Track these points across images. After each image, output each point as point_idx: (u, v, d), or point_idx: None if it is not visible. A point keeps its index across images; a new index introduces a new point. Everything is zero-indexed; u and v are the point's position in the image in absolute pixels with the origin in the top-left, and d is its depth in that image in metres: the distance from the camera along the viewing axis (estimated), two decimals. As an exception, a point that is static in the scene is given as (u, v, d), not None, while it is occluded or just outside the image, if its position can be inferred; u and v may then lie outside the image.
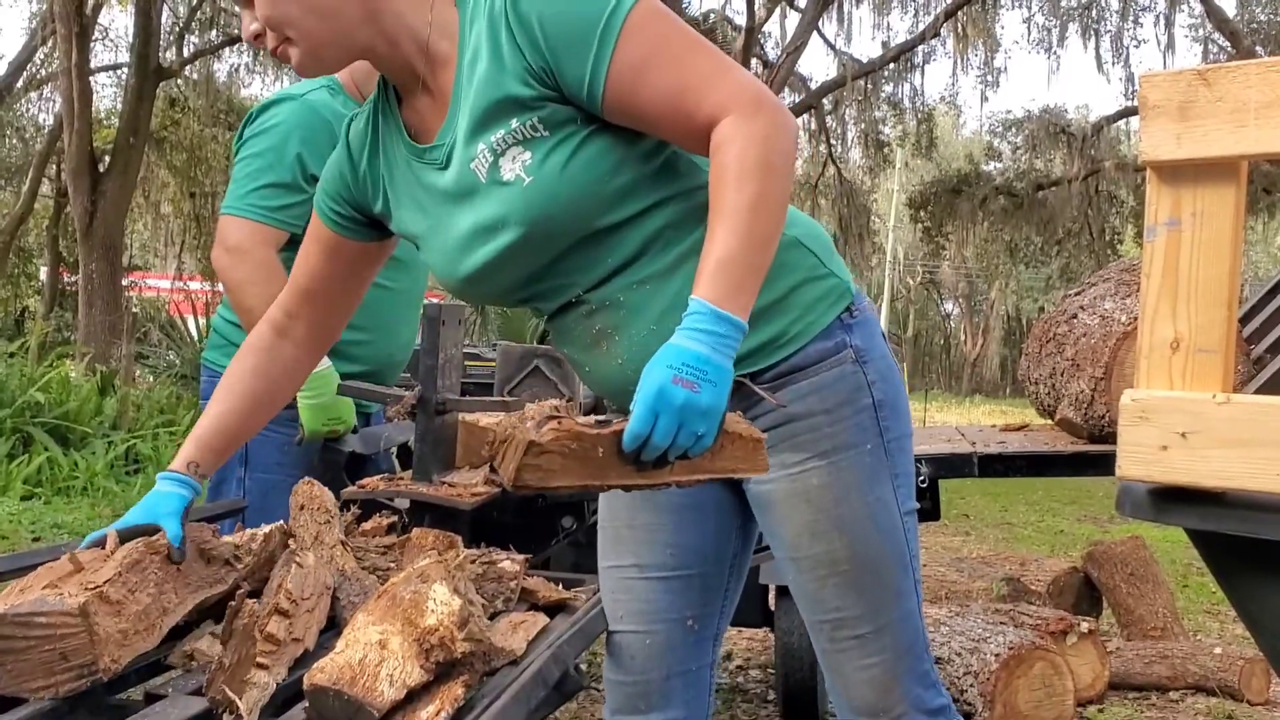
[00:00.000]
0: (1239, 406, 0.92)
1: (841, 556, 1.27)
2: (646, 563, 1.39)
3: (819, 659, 1.35)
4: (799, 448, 1.26)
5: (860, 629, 1.29)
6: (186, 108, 15.12)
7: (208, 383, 2.14)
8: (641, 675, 1.38)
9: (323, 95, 2.08)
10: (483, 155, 1.19)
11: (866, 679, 1.30)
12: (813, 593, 1.30)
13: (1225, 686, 3.16)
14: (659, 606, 1.38)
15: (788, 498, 1.28)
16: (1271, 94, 0.89)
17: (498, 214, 1.20)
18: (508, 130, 1.18)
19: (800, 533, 1.28)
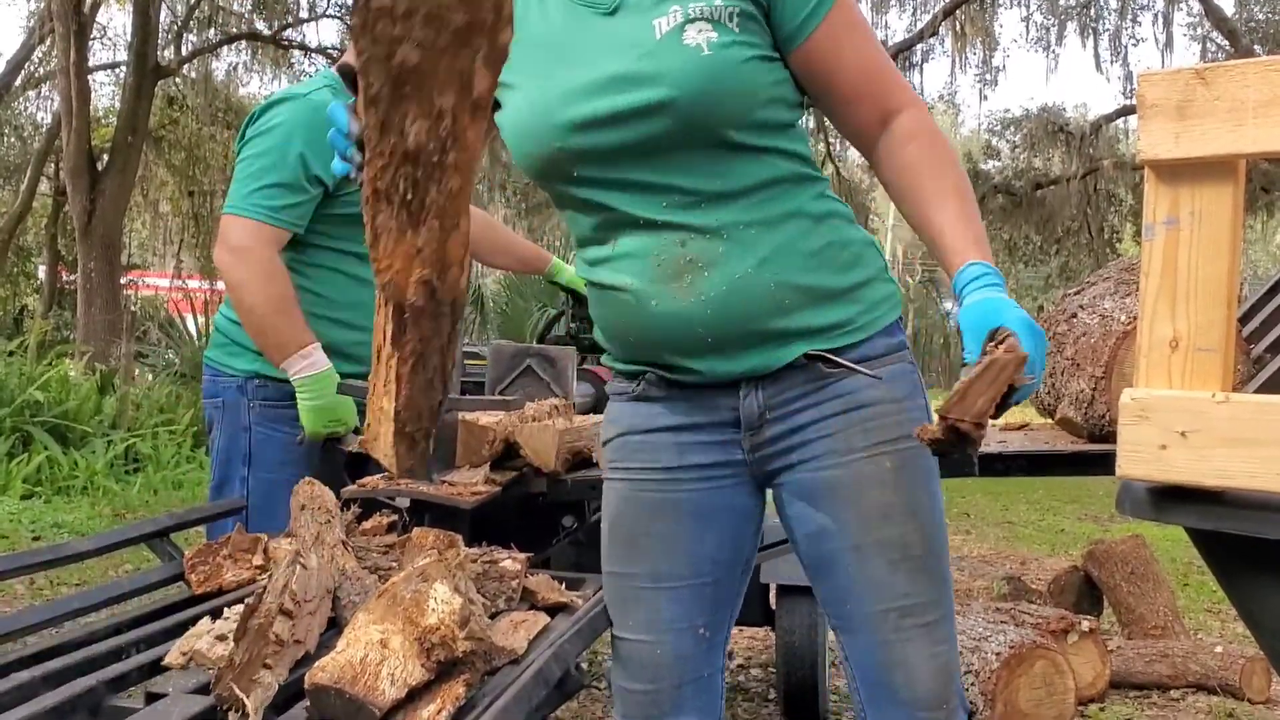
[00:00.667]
0: (1239, 405, 0.92)
1: (914, 540, 1.27)
2: (662, 572, 1.34)
3: (871, 657, 1.29)
4: (869, 433, 1.27)
5: (928, 615, 1.28)
6: (185, 106, 15.11)
7: (211, 381, 2.14)
8: (652, 685, 1.34)
9: (325, 95, 2.08)
10: (673, 15, 1.21)
11: (934, 668, 1.28)
12: (882, 578, 1.27)
13: (1226, 685, 3.16)
14: (671, 616, 1.34)
15: (859, 480, 1.27)
16: (1270, 93, 0.89)
17: (656, 69, 1.19)
18: (710, 4, 1.20)
19: (871, 515, 1.27)
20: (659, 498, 1.34)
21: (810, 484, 1.30)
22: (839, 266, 1.28)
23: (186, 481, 6.13)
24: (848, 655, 1.33)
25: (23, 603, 3.73)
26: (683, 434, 1.33)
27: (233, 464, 2.07)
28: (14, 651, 1.24)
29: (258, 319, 1.98)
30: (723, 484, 1.34)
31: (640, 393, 1.35)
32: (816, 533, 1.31)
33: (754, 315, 1.24)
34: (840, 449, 1.27)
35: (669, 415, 1.33)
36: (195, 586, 1.50)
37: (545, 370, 2.04)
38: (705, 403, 1.32)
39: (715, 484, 1.34)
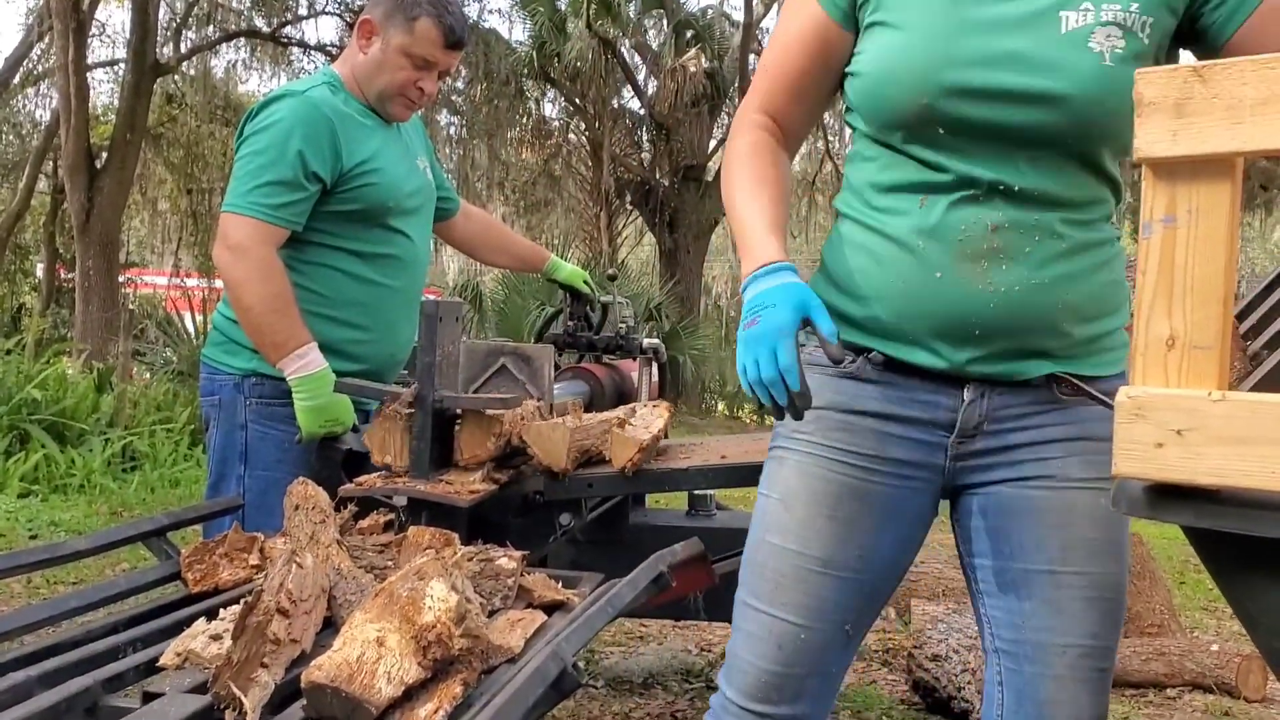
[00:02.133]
0: (1235, 403, 0.92)
1: (1112, 583, 1.25)
2: (834, 558, 1.28)
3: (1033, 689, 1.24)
4: (1089, 465, 1.25)
5: (1105, 662, 1.25)
6: (184, 104, 15.09)
7: (208, 379, 2.14)
8: (785, 668, 1.29)
9: (323, 92, 2.08)
10: (1084, 12, 1.18)
11: (1097, 716, 1.25)
12: (1075, 611, 1.23)
13: (1222, 684, 3.16)
14: (828, 606, 1.29)
15: (1069, 509, 1.24)
16: (1267, 91, 0.89)
17: (1056, 62, 1.16)
18: (1125, 8, 1.17)
19: (1077, 546, 1.24)
20: (851, 483, 1.28)
21: (1013, 500, 1.27)
22: (1113, 307, 1.29)
23: (184, 480, 6.13)
24: (1004, 682, 1.28)
25: (20, 601, 3.73)
26: (889, 424, 1.28)
27: (229, 462, 2.07)
28: (11, 651, 1.24)
29: (255, 317, 1.98)
30: (915, 485, 1.30)
31: (853, 370, 1.29)
32: (1009, 550, 1.27)
33: (1030, 325, 1.22)
34: (1057, 474, 1.25)
35: (879, 401, 1.28)
36: (191, 585, 1.50)
37: (520, 370, 2.00)
38: (924, 397, 1.28)
39: (908, 483, 1.30)
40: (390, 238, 2.14)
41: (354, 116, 2.10)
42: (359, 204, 2.08)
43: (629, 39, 15.02)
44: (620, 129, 15.50)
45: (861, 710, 3.05)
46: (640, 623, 3.74)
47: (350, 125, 2.07)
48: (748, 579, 1.33)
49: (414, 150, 2.27)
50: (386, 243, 2.13)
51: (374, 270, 2.11)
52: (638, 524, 2.44)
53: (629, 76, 15.10)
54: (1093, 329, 1.26)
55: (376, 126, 2.15)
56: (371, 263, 2.11)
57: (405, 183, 2.16)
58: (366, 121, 2.13)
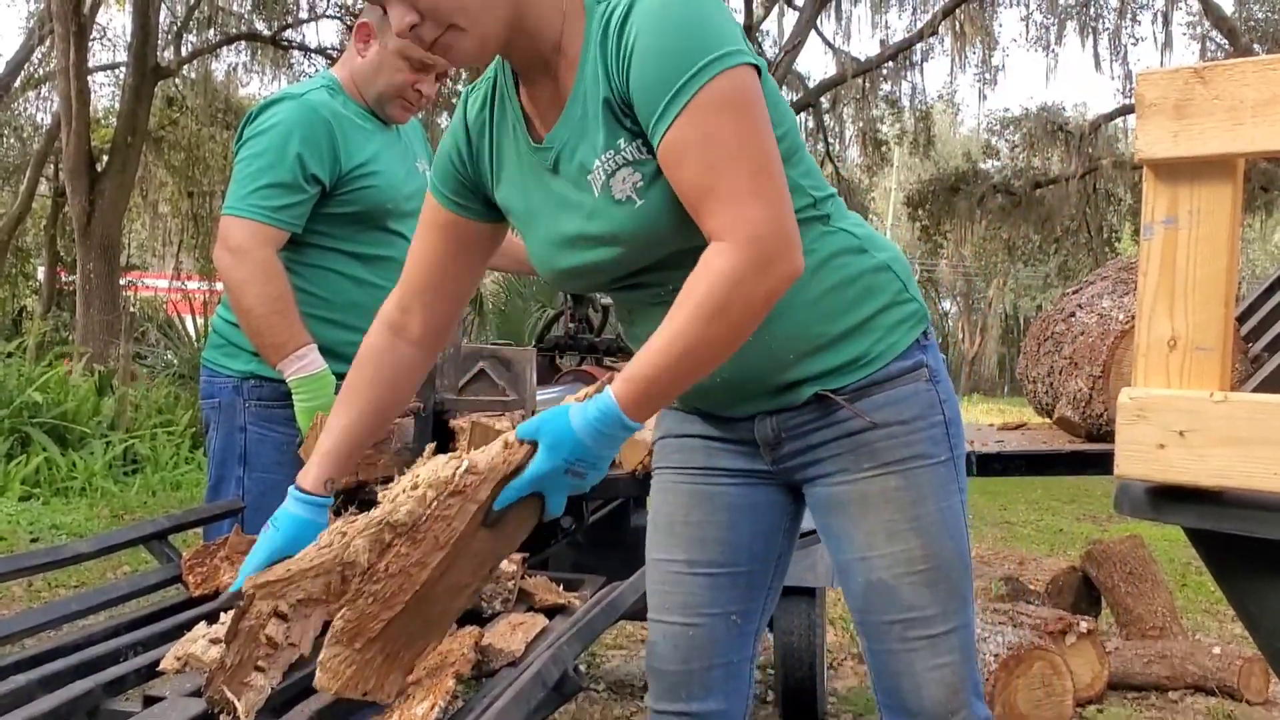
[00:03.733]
0: (1236, 405, 0.92)
1: (918, 556, 1.31)
2: (696, 558, 1.41)
3: (881, 663, 1.35)
4: (875, 455, 1.32)
5: (933, 629, 1.32)
6: (184, 107, 15.10)
7: (207, 382, 2.14)
8: (684, 665, 1.40)
9: (322, 95, 2.09)
10: (598, 170, 1.22)
11: (938, 679, 1.32)
12: (887, 591, 1.32)
13: (1224, 686, 3.16)
14: (705, 600, 1.40)
15: (864, 498, 1.32)
16: (1268, 92, 0.89)
17: (607, 230, 1.24)
18: (618, 151, 1.21)
19: (876, 532, 1.32)
20: (696, 489, 1.42)
21: (826, 498, 1.36)
22: (844, 306, 1.30)
23: (185, 482, 6.13)
24: (869, 663, 1.39)
25: (20, 605, 3.72)
26: (712, 442, 1.42)
27: (229, 464, 2.07)
28: (12, 654, 1.23)
29: (256, 319, 1.98)
30: (752, 483, 1.41)
31: (676, 406, 1.43)
32: (833, 543, 1.37)
33: (758, 375, 1.31)
34: (850, 468, 1.33)
35: (701, 425, 1.42)
36: (193, 588, 1.50)
37: (500, 374, 1.96)
38: (727, 424, 1.40)
39: (745, 483, 1.41)
40: (389, 240, 2.14)
41: (352, 119, 2.11)
42: (358, 206, 2.08)
43: (629, 42, 15.01)
44: (621, 131, 15.48)
45: (862, 713, 3.04)
46: (642, 626, 3.73)
47: (349, 127, 2.08)
48: (646, 597, 1.46)
49: (414, 153, 2.27)
50: (385, 245, 2.13)
51: (373, 273, 2.11)
52: (639, 526, 2.44)
53: (629, 79, 15.08)
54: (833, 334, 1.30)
55: (376, 129, 2.16)
56: (370, 265, 2.11)
57: (404, 185, 2.16)
58: (365, 124, 2.14)
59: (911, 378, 1.32)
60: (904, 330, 1.33)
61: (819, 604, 2.75)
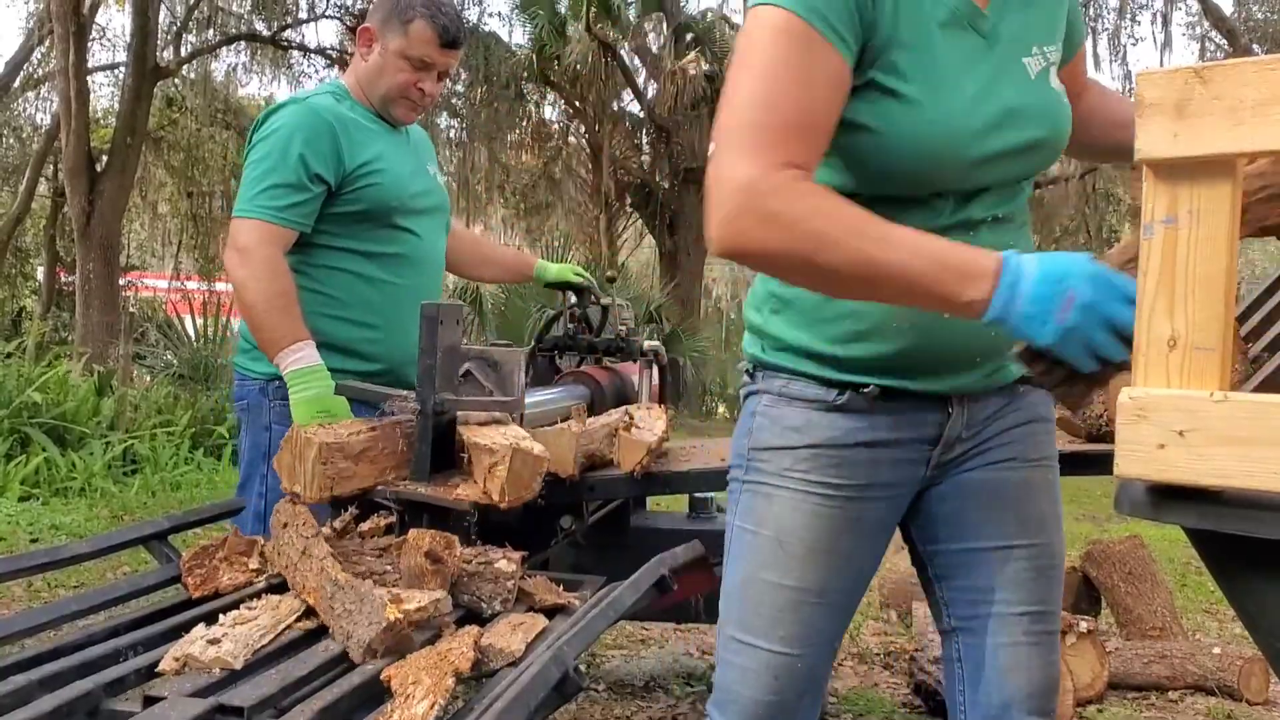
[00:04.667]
0: (1237, 404, 0.92)
1: (1058, 552, 1.35)
2: (829, 588, 1.31)
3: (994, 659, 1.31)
4: (1039, 446, 1.35)
5: (1053, 625, 1.34)
6: (184, 107, 15.11)
7: (238, 386, 2.22)
8: (781, 697, 1.31)
9: (326, 99, 2.15)
10: (1037, 58, 1.28)
11: (1049, 676, 1.33)
12: (1026, 581, 1.32)
13: (1224, 686, 3.16)
14: (821, 631, 1.32)
15: (1026, 487, 1.34)
16: (1268, 92, 0.89)
17: (1038, 108, 1.26)
18: (1055, 47, 1.30)
19: (1030, 521, 1.33)
20: (846, 515, 1.30)
21: (979, 482, 1.34)
22: None
23: (185, 483, 6.13)
24: (962, 657, 1.36)
25: (20, 605, 3.72)
26: (878, 450, 1.29)
27: (255, 462, 2.14)
28: (11, 655, 1.23)
29: (257, 315, 2.02)
30: (899, 501, 1.35)
31: (843, 403, 1.28)
32: (966, 532, 1.34)
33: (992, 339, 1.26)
34: (1017, 455, 1.33)
35: (869, 431, 1.29)
36: (192, 589, 1.50)
37: (487, 375, 1.93)
38: (912, 419, 1.30)
39: (893, 501, 1.34)
40: (397, 236, 2.18)
41: (358, 121, 2.16)
42: (364, 204, 2.12)
43: (629, 42, 15.03)
44: (620, 132, 15.51)
45: (863, 713, 3.04)
46: (642, 626, 3.73)
47: (353, 129, 2.12)
48: (737, 615, 1.33)
49: (422, 157, 2.32)
50: (394, 241, 2.17)
51: (383, 269, 2.16)
52: (639, 527, 2.44)
53: (629, 79, 15.10)
54: None
55: (382, 131, 2.20)
56: (380, 262, 2.16)
57: (411, 183, 2.20)
58: (372, 126, 2.19)
59: None
60: None
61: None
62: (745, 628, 1.32)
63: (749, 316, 1.37)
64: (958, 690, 1.36)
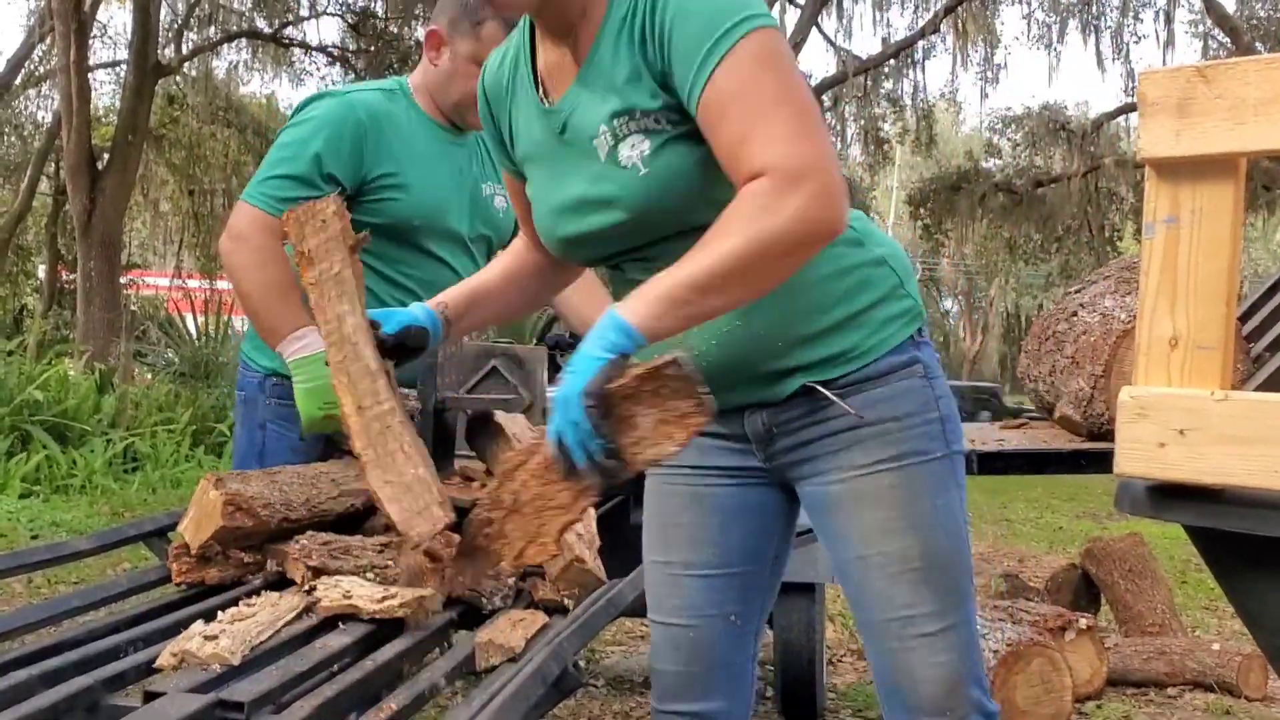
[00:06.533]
0: (1237, 404, 0.92)
1: (913, 554, 1.30)
2: (692, 560, 1.41)
3: (881, 661, 1.35)
4: (869, 451, 1.30)
5: (929, 626, 1.31)
6: (185, 105, 15.11)
7: (241, 375, 2.15)
8: (685, 666, 1.41)
9: (373, 96, 2.03)
10: (604, 136, 1.23)
11: (936, 677, 1.31)
12: (883, 590, 1.31)
13: (1223, 682, 3.16)
14: (703, 602, 1.40)
15: (858, 496, 1.31)
16: (1270, 91, 0.89)
17: (610, 194, 1.25)
18: (631, 118, 1.22)
19: (871, 530, 1.31)
20: (687, 491, 1.41)
21: (819, 497, 1.34)
22: (837, 298, 1.29)
23: (185, 480, 6.13)
24: (869, 658, 1.40)
25: (21, 601, 3.73)
26: (704, 439, 1.35)
27: (248, 461, 2.07)
28: (12, 650, 1.24)
29: (254, 303, 1.96)
30: (747, 483, 1.40)
31: None
32: (830, 543, 1.36)
33: (747, 363, 1.30)
34: (844, 465, 1.31)
35: None
36: (175, 577, 1.50)
37: (512, 372, 1.93)
38: (718, 419, 1.31)
39: (740, 483, 1.39)
40: (421, 260, 2.07)
41: (407, 125, 2.04)
42: (382, 218, 2.01)
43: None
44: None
45: (862, 709, 3.04)
46: (641, 622, 3.73)
47: (391, 133, 2.01)
48: (646, 597, 1.46)
49: (479, 174, 2.17)
50: (417, 265, 2.06)
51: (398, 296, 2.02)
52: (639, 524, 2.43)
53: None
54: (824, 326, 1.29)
55: (436, 140, 2.08)
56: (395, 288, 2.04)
57: (444, 202, 2.08)
58: (424, 133, 2.07)
59: (906, 373, 1.30)
60: (898, 326, 1.31)
61: (818, 600, 2.74)
62: (649, 607, 1.45)
63: None
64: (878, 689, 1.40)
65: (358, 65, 13.77)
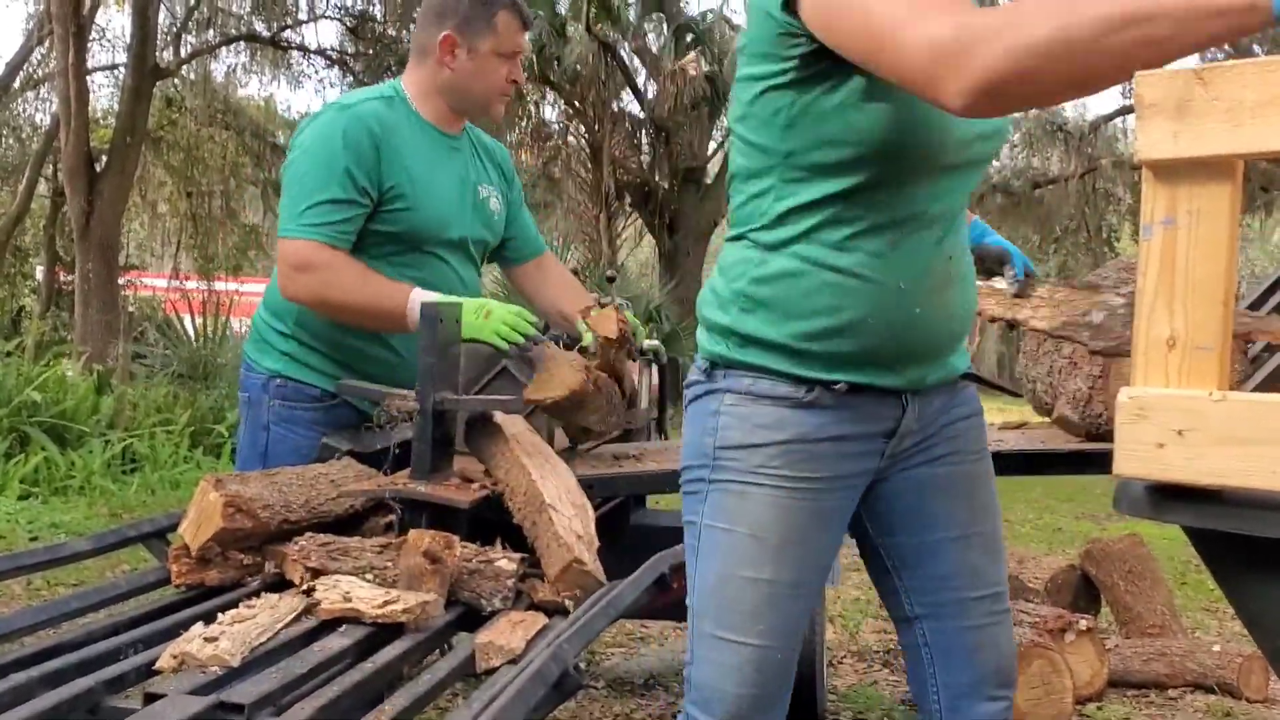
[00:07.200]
0: (1236, 404, 0.92)
1: (999, 536, 1.45)
2: (800, 580, 1.34)
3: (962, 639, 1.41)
4: (975, 439, 1.44)
5: (1006, 603, 1.44)
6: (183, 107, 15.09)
7: (244, 376, 2.16)
8: (763, 690, 1.34)
9: (375, 106, 2.03)
10: None
11: (1010, 652, 1.44)
12: (980, 566, 1.41)
13: (1224, 684, 3.16)
14: (796, 625, 1.37)
15: (970, 479, 1.43)
16: (1268, 93, 0.89)
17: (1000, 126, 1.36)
18: None
19: (978, 509, 1.43)
20: (815, 507, 1.33)
21: (926, 478, 1.40)
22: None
23: (184, 482, 6.12)
24: (929, 642, 1.43)
25: (20, 603, 3.72)
26: (843, 444, 1.34)
27: (250, 462, 2.08)
28: (12, 652, 1.24)
29: (357, 308, 1.94)
30: (855, 491, 1.40)
31: (812, 399, 1.32)
32: (926, 524, 1.41)
33: (955, 326, 1.38)
34: (961, 450, 1.42)
35: (835, 425, 1.32)
36: (175, 578, 1.50)
37: (523, 372, 1.95)
38: (872, 413, 1.35)
39: (852, 492, 1.39)
40: (427, 262, 2.08)
41: (407, 132, 2.05)
42: (396, 227, 2.03)
43: (629, 42, 15.02)
44: (620, 132, 15.50)
45: (862, 711, 3.04)
46: (641, 624, 3.73)
47: (398, 142, 2.01)
48: (715, 613, 1.35)
49: (475, 174, 2.18)
50: (423, 267, 2.07)
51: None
52: (639, 525, 2.44)
53: (629, 79, 15.10)
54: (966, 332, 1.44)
55: (433, 145, 2.09)
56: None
57: (451, 210, 2.10)
58: (422, 139, 2.07)
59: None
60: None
61: (819, 602, 2.74)
62: (724, 625, 1.34)
63: (710, 316, 1.37)
64: (928, 672, 1.43)
65: (356, 68, 13.78)
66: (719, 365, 1.36)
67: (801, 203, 1.28)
